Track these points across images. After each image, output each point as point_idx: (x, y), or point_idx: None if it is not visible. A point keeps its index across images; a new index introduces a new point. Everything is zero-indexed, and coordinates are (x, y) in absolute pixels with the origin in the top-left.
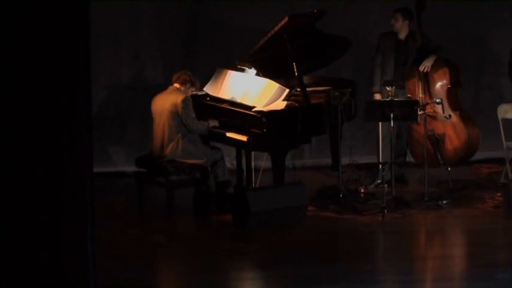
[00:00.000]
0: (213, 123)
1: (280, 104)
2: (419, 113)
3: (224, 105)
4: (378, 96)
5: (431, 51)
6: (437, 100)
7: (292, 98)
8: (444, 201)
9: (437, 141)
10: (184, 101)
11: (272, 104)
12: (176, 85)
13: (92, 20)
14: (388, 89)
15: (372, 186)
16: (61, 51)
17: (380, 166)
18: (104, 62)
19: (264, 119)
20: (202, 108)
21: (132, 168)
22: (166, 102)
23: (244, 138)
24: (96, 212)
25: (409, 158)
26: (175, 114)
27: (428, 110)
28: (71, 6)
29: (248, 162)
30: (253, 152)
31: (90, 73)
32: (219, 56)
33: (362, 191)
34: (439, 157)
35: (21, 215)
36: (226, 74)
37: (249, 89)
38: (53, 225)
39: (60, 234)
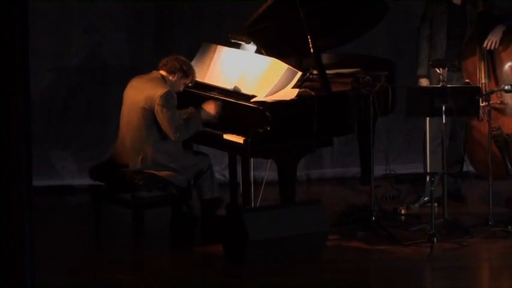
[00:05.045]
0: (209, 108)
1: (289, 93)
2: (481, 104)
3: (212, 94)
4: (424, 82)
5: (497, 21)
6: (507, 87)
7: (307, 83)
8: None
9: (506, 143)
10: (164, 96)
11: (279, 93)
12: (162, 72)
13: None
14: (438, 71)
15: (417, 205)
16: None
17: (427, 178)
18: (47, 37)
19: (267, 113)
20: (182, 98)
21: (85, 181)
22: (141, 92)
23: (240, 139)
24: (37, 241)
25: (468, 167)
26: (149, 113)
27: (494, 100)
28: None
29: (245, 172)
30: (252, 159)
31: (27, 52)
32: (206, 26)
33: (403, 212)
34: (509, 166)
35: None
36: (215, 51)
37: (246, 71)
38: None
39: None
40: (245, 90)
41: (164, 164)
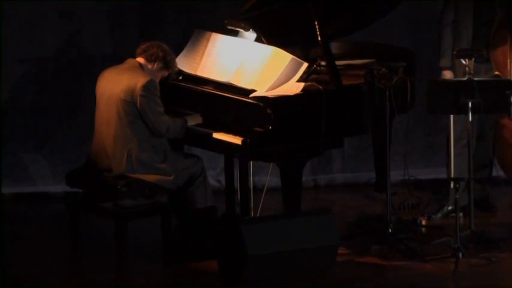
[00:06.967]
0: (195, 120)
1: (294, 87)
2: None
3: (206, 89)
4: (448, 75)
5: None
6: None
7: (314, 76)
8: None
9: None
10: (146, 86)
11: (282, 87)
12: (140, 60)
13: None
14: (464, 62)
15: (439, 215)
16: None
17: (452, 184)
18: (18, 23)
19: (268, 110)
20: (171, 93)
21: (60, 188)
22: (118, 84)
23: (237, 140)
24: (6, 255)
25: (497, 172)
26: (131, 106)
27: None
28: None
29: (244, 178)
30: (252, 163)
31: None
32: (198, 11)
33: (423, 223)
34: None
35: None
36: (209, 39)
37: (245, 62)
38: None
39: None
40: (243, 83)
41: (151, 165)
